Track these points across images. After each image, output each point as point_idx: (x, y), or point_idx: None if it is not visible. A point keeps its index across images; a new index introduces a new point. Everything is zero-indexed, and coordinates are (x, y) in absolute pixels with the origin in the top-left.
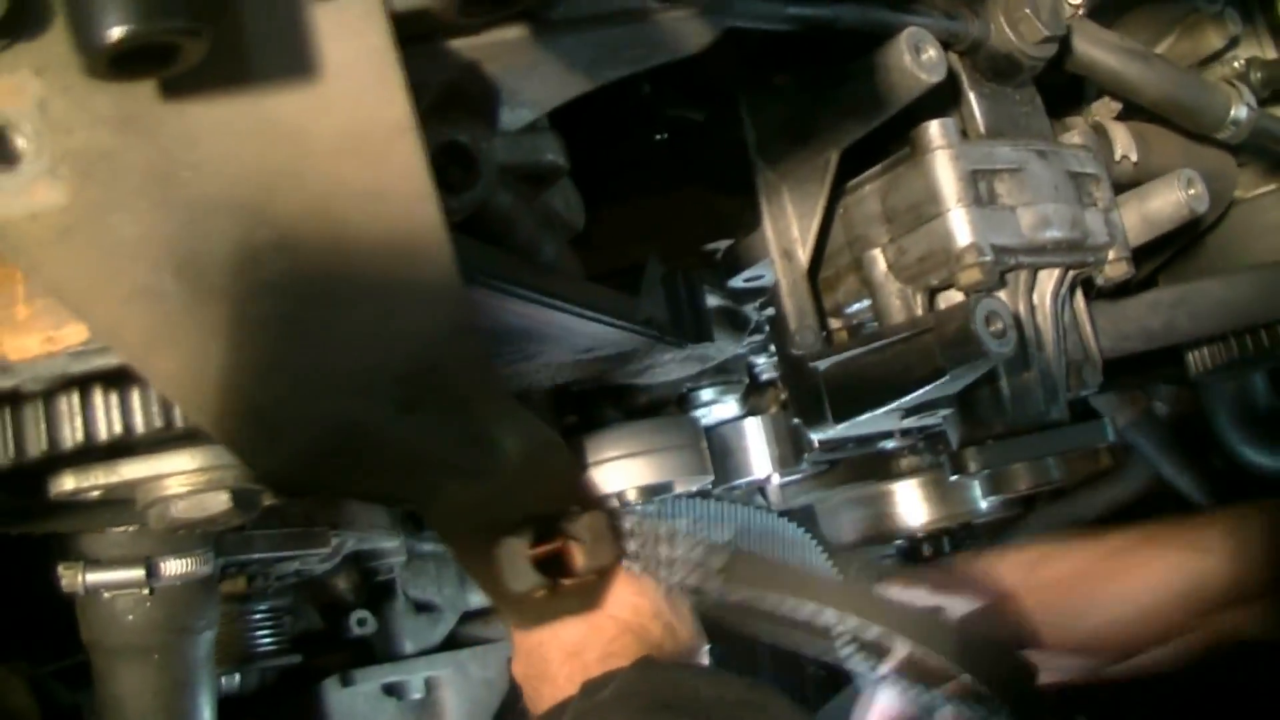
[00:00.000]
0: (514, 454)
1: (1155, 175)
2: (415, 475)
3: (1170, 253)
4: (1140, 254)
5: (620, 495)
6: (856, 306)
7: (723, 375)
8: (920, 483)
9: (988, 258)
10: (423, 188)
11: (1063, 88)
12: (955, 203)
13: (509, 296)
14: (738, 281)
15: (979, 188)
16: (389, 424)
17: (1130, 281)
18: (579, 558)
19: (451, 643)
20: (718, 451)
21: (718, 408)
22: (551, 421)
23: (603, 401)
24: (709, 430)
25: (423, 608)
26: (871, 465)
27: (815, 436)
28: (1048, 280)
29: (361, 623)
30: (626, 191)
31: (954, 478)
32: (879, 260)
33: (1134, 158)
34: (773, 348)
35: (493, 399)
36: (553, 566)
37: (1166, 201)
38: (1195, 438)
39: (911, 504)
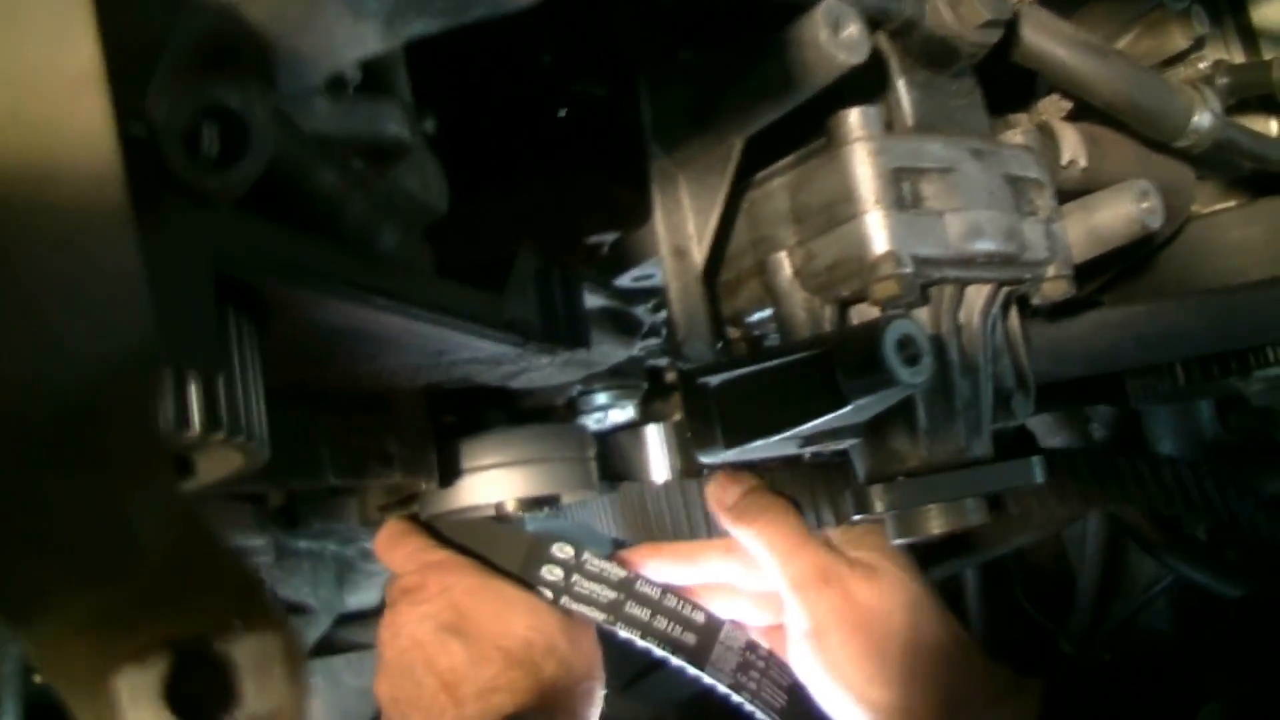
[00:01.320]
0: (154, 546)
1: (1106, 183)
2: (15, 571)
3: (1116, 270)
4: (1084, 271)
5: (499, 507)
6: (759, 315)
7: (618, 379)
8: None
9: (907, 269)
10: (106, 159)
11: (1007, 82)
12: (873, 204)
13: (316, 293)
14: (625, 281)
15: (902, 189)
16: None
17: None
18: (244, 695)
19: (325, 648)
20: (613, 459)
21: (614, 412)
22: (423, 420)
23: (485, 401)
24: (604, 436)
25: (294, 609)
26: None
27: (705, 460)
28: (976, 297)
29: None
30: (512, 173)
31: (856, 518)
32: (784, 265)
33: (1083, 162)
34: None
35: (145, 461)
36: (203, 706)
37: (1116, 215)
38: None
39: None
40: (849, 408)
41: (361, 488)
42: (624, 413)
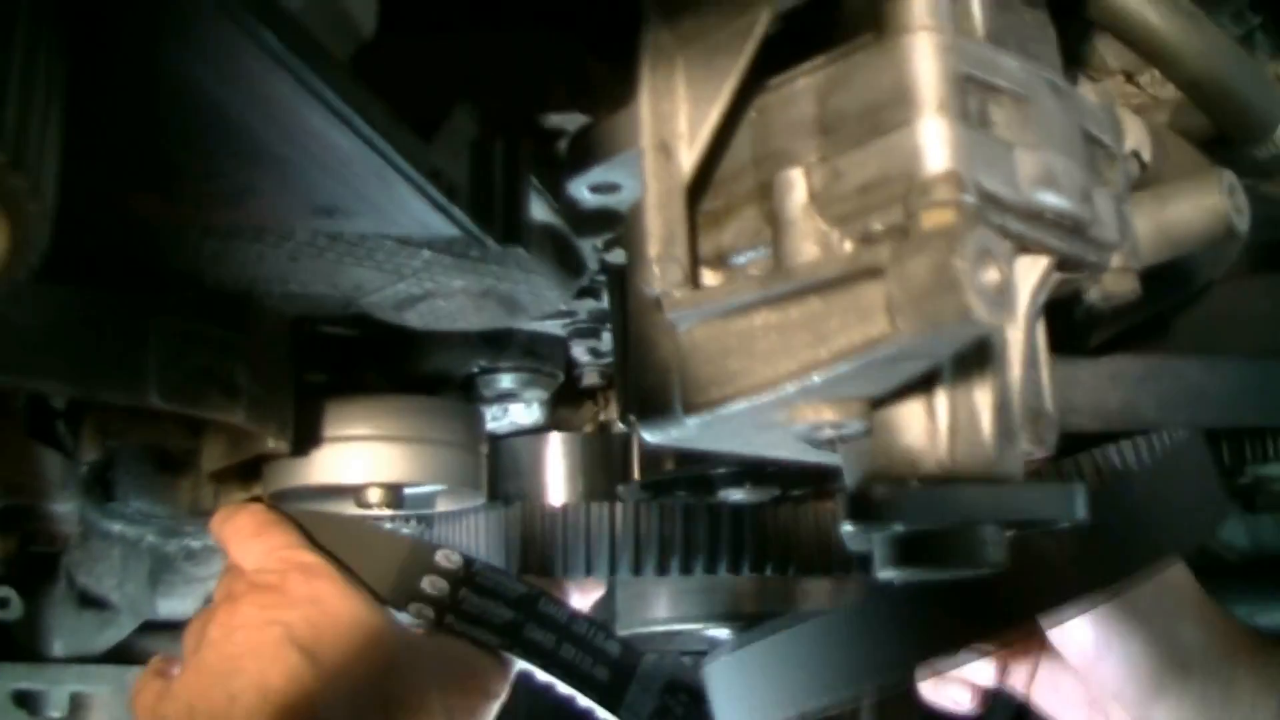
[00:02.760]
0: None
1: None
2: None
3: (1127, 323)
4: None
5: (359, 493)
6: (750, 255)
7: (530, 360)
8: None
9: (969, 198)
10: None
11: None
12: (934, 109)
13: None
14: (581, 187)
15: (969, 103)
16: None
17: (1122, 317)
18: None
19: (121, 654)
20: (502, 469)
21: (516, 408)
22: (283, 355)
23: (365, 360)
24: (495, 439)
25: (91, 602)
26: None
27: (650, 437)
28: (1030, 271)
29: (2, 602)
30: (459, 13)
31: (849, 527)
32: (797, 185)
33: (1146, 156)
34: (604, 335)
35: None
36: None
37: (1198, 208)
38: None
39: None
40: (893, 348)
41: (193, 448)
42: (529, 412)
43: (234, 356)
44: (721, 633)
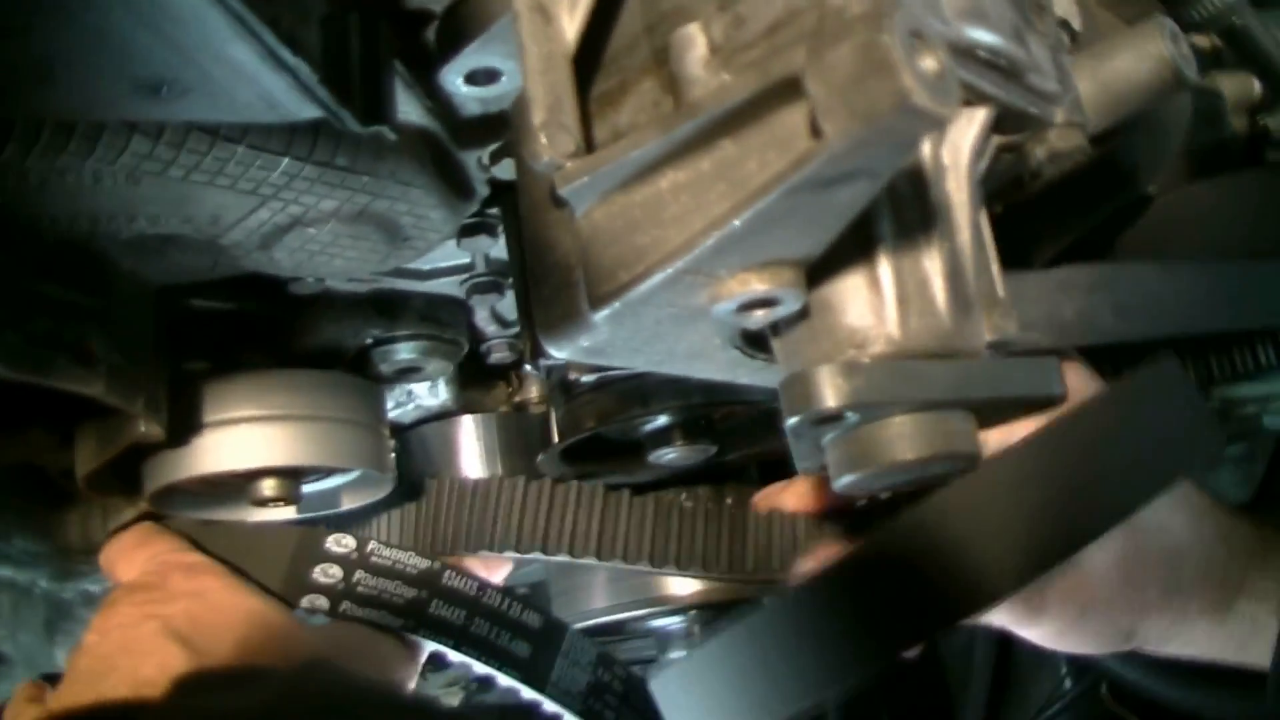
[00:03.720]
0: None
1: None
2: None
3: (1072, 235)
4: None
5: (252, 486)
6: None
7: (429, 326)
8: None
9: (889, 34)
10: None
11: None
12: None
13: None
14: (455, 77)
15: None
16: None
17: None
18: None
19: None
20: (413, 460)
21: (420, 390)
22: (150, 341)
23: (245, 339)
24: (401, 432)
25: None
26: None
27: (558, 351)
28: (967, 126)
29: None
30: None
31: (793, 424)
32: (696, 41)
33: (1076, 26)
34: (507, 292)
35: None
36: None
37: (1142, 57)
38: None
39: None
40: (824, 157)
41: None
42: (435, 393)
43: (85, 320)
44: (671, 622)
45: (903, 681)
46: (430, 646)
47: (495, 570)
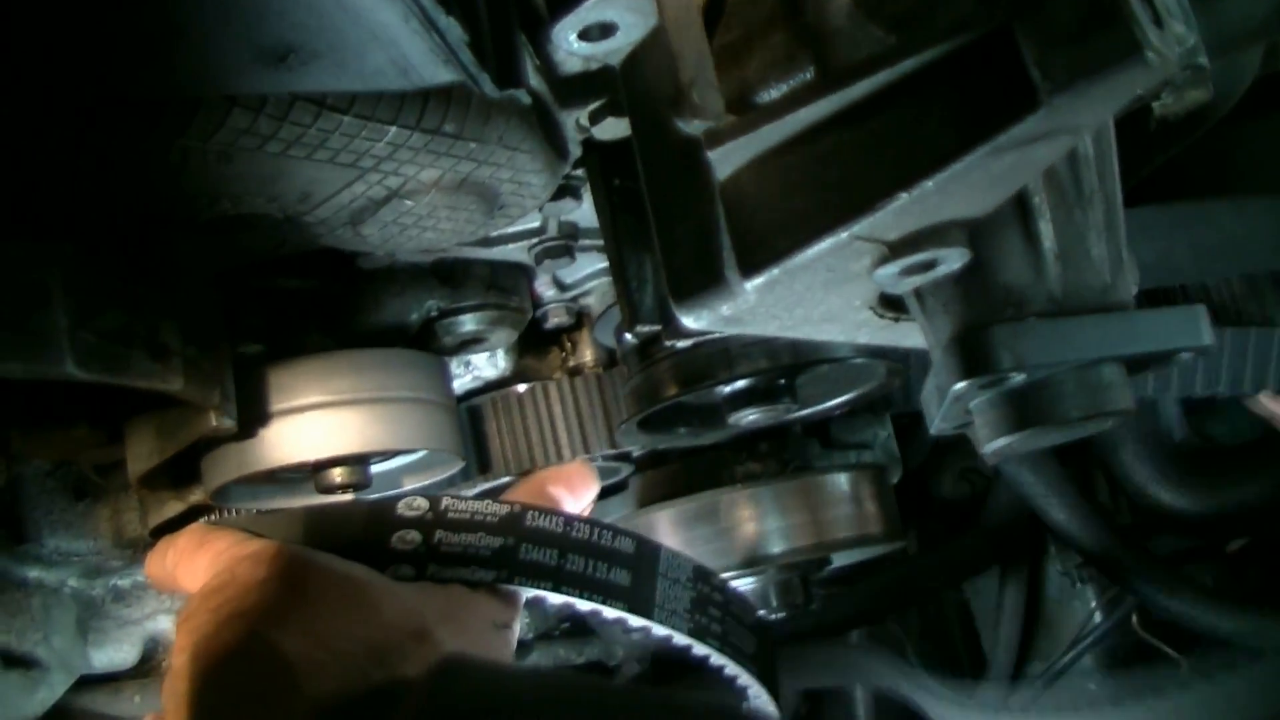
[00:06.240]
0: None
1: None
2: None
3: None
4: None
5: (320, 474)
6: (782, 88)
7: (495, 294)
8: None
9: None
10: None
11: None
12: None
13: None
14: (568, 33)
15: None
16: None
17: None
18: None
19: (59, 717)
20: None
21: (480, 360)
22: (220, 330)
23: (304, 319)
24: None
25: (16, 662)
26: (697, 474)
27: (694, 321)
28: None
29: None
30: None
31: (961, 384)
32: None
33: None
34: (576, 256)
35: None
36: None
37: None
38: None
39: (769, 520)
40: (1040, 111)
41: (109, 463)
42: (494, 363)
43: (158, 312)
44: None
45: (932, 624)
46: (528, 592)
47: (580, 497)
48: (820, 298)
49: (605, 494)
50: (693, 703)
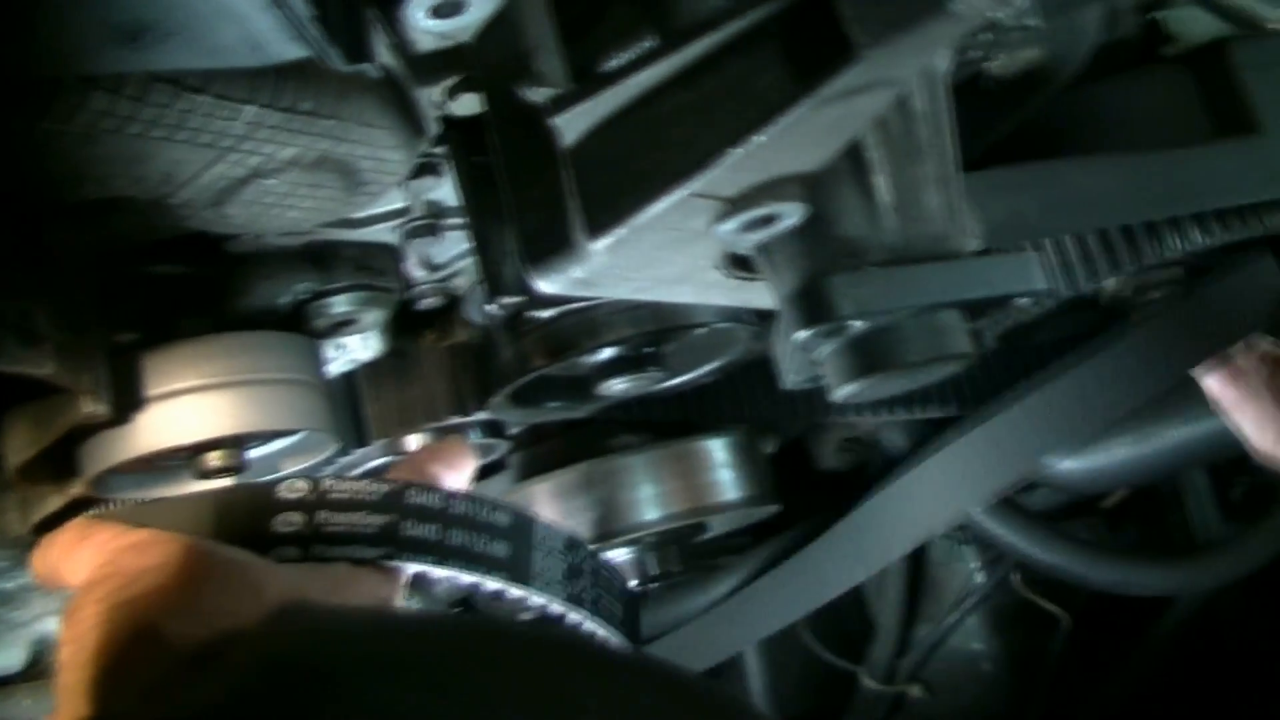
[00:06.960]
0: None
1: None
2: None
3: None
4: None
5: (197, 460)
6: (625, 58)
7: (365, 275)
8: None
9: None
10: None
11: None
12: None
13: None
14: (418, 10)
15: None
16: None
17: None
18: None
19: None
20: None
21: (353, 342)
22: (94, 315)
23: (176, 307)
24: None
25: None
26: (575, 446)
27: (547, 285)
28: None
29: None
30: None
31: (803, 334)
32: None
33: None
34: (444, 235)
35: None
36: None
37: None
38: None
39: (644, 487)
40: (858, 64)
41: None
42: (367, 344)
43: (28, 296)
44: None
45: None
46: (413, 568)
47: (458, 472)
48: (669, 258)
49: (485, 473)
50: (524, 627)
